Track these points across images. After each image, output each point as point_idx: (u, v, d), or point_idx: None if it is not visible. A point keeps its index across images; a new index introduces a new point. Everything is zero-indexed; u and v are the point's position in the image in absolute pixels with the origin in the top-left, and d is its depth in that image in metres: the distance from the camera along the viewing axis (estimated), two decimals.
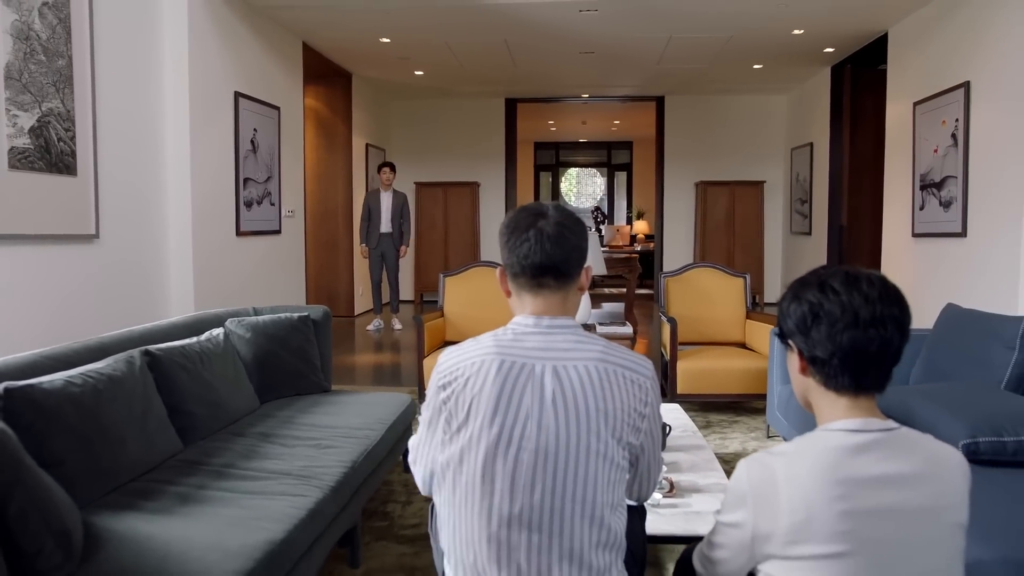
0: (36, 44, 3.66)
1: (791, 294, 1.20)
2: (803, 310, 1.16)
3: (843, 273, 1.16)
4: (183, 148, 4.79)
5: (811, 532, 1.06)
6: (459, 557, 1.32)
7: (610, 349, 1.34)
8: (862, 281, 1.13)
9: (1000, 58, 4.56)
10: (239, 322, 2.96)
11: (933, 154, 5.35)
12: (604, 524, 1.28)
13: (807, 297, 1.16)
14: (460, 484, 1.30)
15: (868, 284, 1.13)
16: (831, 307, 1.13)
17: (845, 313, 1.12)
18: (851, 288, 1.12)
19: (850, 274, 1.15)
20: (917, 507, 1.08)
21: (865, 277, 1.14)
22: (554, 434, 1.26)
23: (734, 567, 1.21)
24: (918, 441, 1.14)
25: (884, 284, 1.14)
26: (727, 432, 3.91)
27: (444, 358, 1.37)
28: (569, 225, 1.36)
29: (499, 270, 1.43)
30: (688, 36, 6.62)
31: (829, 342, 1.13)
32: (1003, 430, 2.24)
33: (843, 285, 1.13)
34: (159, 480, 2.00)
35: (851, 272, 1.16)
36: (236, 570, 1.53)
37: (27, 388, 1.79)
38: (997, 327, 2.82)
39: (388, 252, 7.40)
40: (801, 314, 1.16)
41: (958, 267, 5.02)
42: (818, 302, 1.15)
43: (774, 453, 1.15)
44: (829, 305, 1.13)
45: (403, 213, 7.41)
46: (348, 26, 6.25)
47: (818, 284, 1.16)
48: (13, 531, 1.42)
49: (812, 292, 1.16)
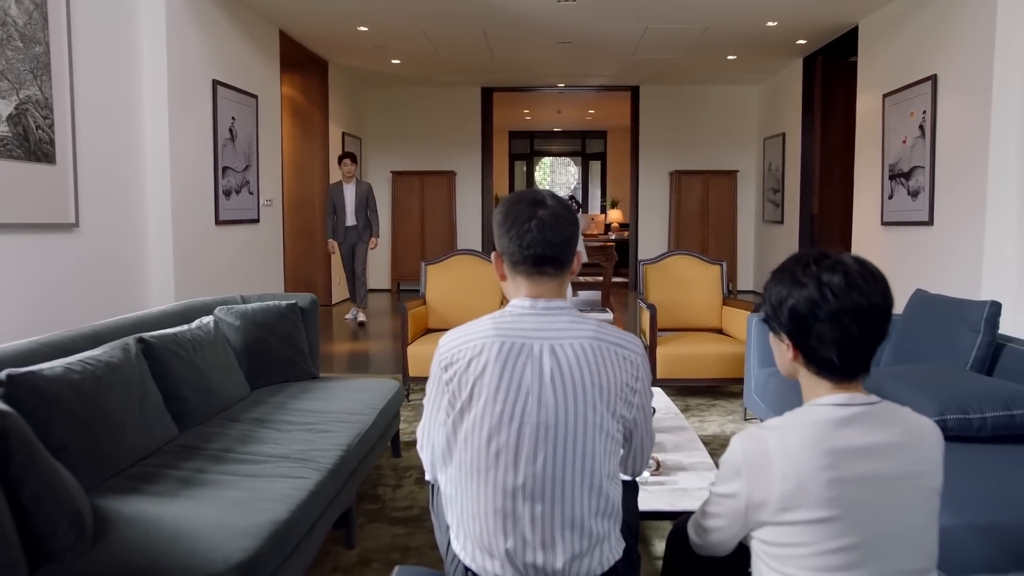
0: (13, 30, 3.61)
1: (784, 288, 1.22)
2: (801, 309, 1.19)
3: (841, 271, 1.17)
4: (162, 137, 4.75)
5: (802, 499, 1.15)
6: (467, 531, 1.38)
7: (603, 328, 1.41)
8: (856, 278, 1.17)
9: (966, 52, 4.70)
10: (228, 310, 2.98)
11: (902, 145, 5.50)
12: (603, 493, 1.35)
13: (804, 295, 1.18)
14: (465, 461, 1.36)
15: (864, 280, 1.17)
16: (831, 308, 1.16)
17: (846, 314, 1.16)
18: (850, 288, 1.16)
19: (848, 272, 1.17)
20: (898, 473, 1.17)
21: (859, 273, 1.18)
22: (553, 409, 1.33)
23: (728, 535, 1.29)
24: (897, 413, 1.22)
25: (872, 276, 1.19)
26: (705, 415, 4.02)
27: (445, 340, 1.43)
28: (566, 215, 1.42)
29: (494, 255, 1.49)
30: (664, 27, 6.70)
31: (833, 344, 1.17)
32: (969, 408, 2.36)
33: (842, 284, 1.16)
34: (159, 465, 2.04)
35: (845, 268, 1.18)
36: (245, 548, 1.58)
37: (29, 375, 1.81)
38: (963, 311, 2.94)
39: (357, 245, 7.09)
40: (799, 312, 1.19)
41: (926, 254, 5.19)
42: (817, 302, 1.17)
43: (766, 427, 1.23)
44: (829, 307, 1.16)
45: (368, 204, 7.06)
46: (325, 14, 6.23)
47: (816, 282, 1.18)
48: (28, 512, 1.45)
49: (810, 290, 1.18)
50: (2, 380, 1.75)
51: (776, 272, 1.26)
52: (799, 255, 1.25)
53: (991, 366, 2.84)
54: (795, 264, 1.23)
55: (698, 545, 1.38)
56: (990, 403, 2.36)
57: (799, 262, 1.23)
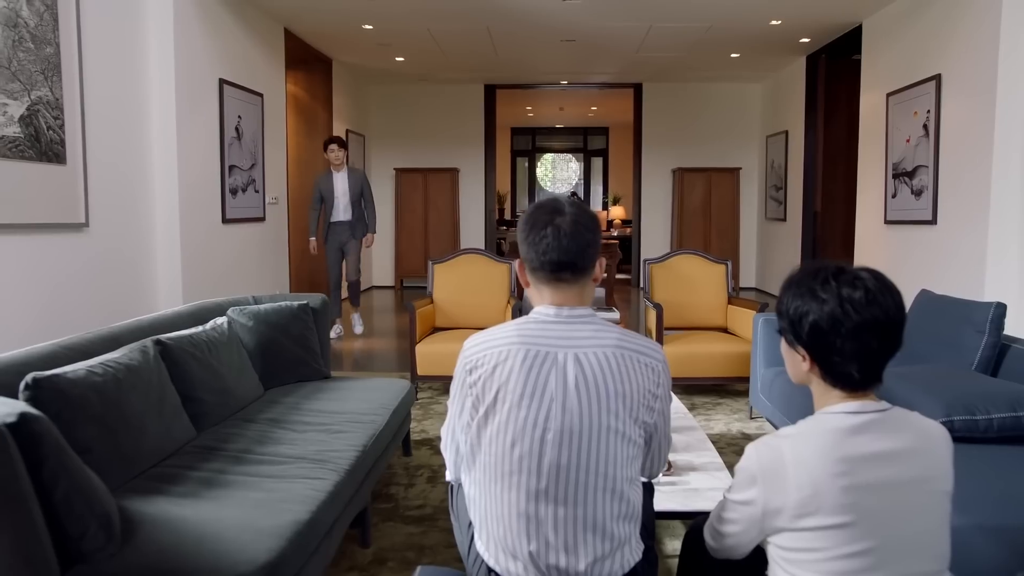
0: (24, 31, 3.64)
1: (804, 302, 1.23)
2: (823, 325, 1.21)
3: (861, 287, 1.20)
4: (169, 136, 4.78)
5: (817, 505, 1.18)
6: (490, 532, 1.42)
7: (625, 336, 1.44)
8: (876, 294, 1.19)
9: (970, 53, 4.73)
10: (241, 311, 3.01)
11: (905, 144, 5.53)
12: (624, 497, 1.39)
13: (826, 311, 1.20)
14: (489, 464, 1.40)
15: (882, 295, 1.20)
16: (853, 324, 1.19)
17: (867, 330, 1.19)
18: (871, 304, 1.19)
19: (868, 289, 1.19)
20: (910, 478, 1.20)
21: (877, 289, 1.20)
22: (577, 415, 1.36)
23: (744, 540, 1.32)
24: (908, 419, 1.25)
25: (889, 291, 1.21)
26: (711, 414, 4.05)
27: (471, 344, 1.46)
28: (584, 222, 1.44)
29: (517, 263, 1.52)
30: (668, 25, 6.72)
31: (853, 358, 1.20)
32: (975, 409, 2.39)
33: (863, 301, 1.19)
34: (179, 466, 2.07)
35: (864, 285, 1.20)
36: (270, 549, 1.61)
37: (53, 378, 1.84)
38: (968, 312, 2.97)
39: (348, 243, 6.22)
40: (820, 328, 1.21)
41: (929, 253, 5.22)
42: (839, 319, 1.19)
43: (780, 436, 1.26)
44: (851, 323, 1.19)
45: (364, 195, 6.21)
46: (331, 12, 6.24)
47: (837, 299, 1.20)
48: (59, 515, 1.48)
49: (831, 306, 1.20)
50: (28, 383, 1.78)
51: (793, 284, 1.28)
52: (815, 269, 1.26)
53: (996, 367, 2.88)
54: (813, 279, 1.24)
55: (714, 549, 1.41)
56: (996, 404, 2.39)
57: (816, 277, 1.24)
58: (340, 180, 6.17)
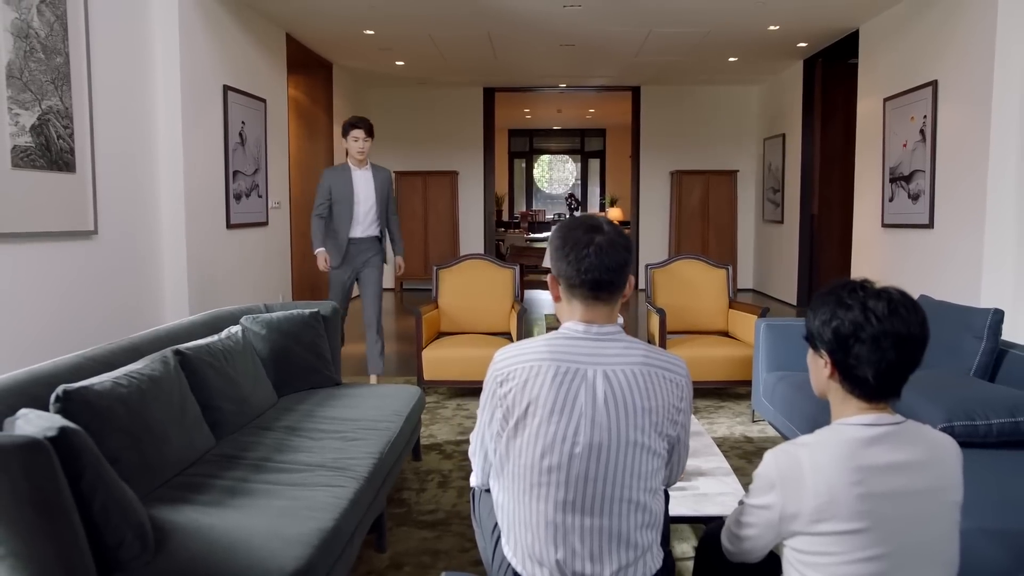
0: (35, 42, 3.67)
1: (829, 310, 1.31)
2: (845, 329, 1.29)
3: (885, 298, 1.28)
4: (175, 142, 4.82)
5: (833, 512, 1.24)
6: (517, 539, 1.47)
7: (651, 352, 1.50)
8: (899, 306, 1.27)
9: (966, 59, 4.80)
10: (254, 319, 3.06)
11: (902, 148, 5.60)
12: (647, 508, 1.45)
13: (849, 317, 1.28)
14: (518, 474, 1.45)
15: (904, 309, 1.27)
16: (874, 331, 1.26)
17: (886, 338, 1.26)
18: (892, 315, 1.26)
19: (892, 300, 1.28)
20: (922, 488, 1.26)
21: (900, 302, 1.28)
22: (606, 430, 1.41)
23: (761, 543, 1.38)
24: (920, 432, 1.32)
25: (912, 307, 1.29)
26: (714, 417, 4.12)
27: (501, 357, 1.51)
28: (621, 241, 1.50)
29: (550, 278, 1.57)
30: (668, 31, 6.78)
31: (870, 364, 1.27)
32: (975, 414, 2.46)
33: (885, 311, 1.26)
34: (202, 474, 2.12)
35: (889, 296, 1.28)
36: (298, 556, 1.67)
37: (82, 390, 1.89)
38: (967, 318, 3.04)
39: (369, 269, 4.50)
40: (842, 332, 1.29)
41: (926, 257, 5.29)
42: (861, 324, 1.27)
43: (798, 444, 1.32)
44: (872, 330, 1.26)
45: (389, 203, 4.60)
46: (333, 18, 6.29)
47: (861, 306, 1.28)
48: (98, 525, 1.53)
49: (855, 313, 1.28)
50: (59, 396, 1.83)
51: (822, 295, 1.36)
52: (845, 281, 1.35)
53: (994, 372, 2.95)
54: (841, 288, 1.33)
55: (731, 552, 1.47)
56: (995, 410, 2.46)
57: (845, 287, 1.33)
58: (363, 180, 4.43)
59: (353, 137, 4.41)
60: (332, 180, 4.46)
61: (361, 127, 4.42)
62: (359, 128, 4.42)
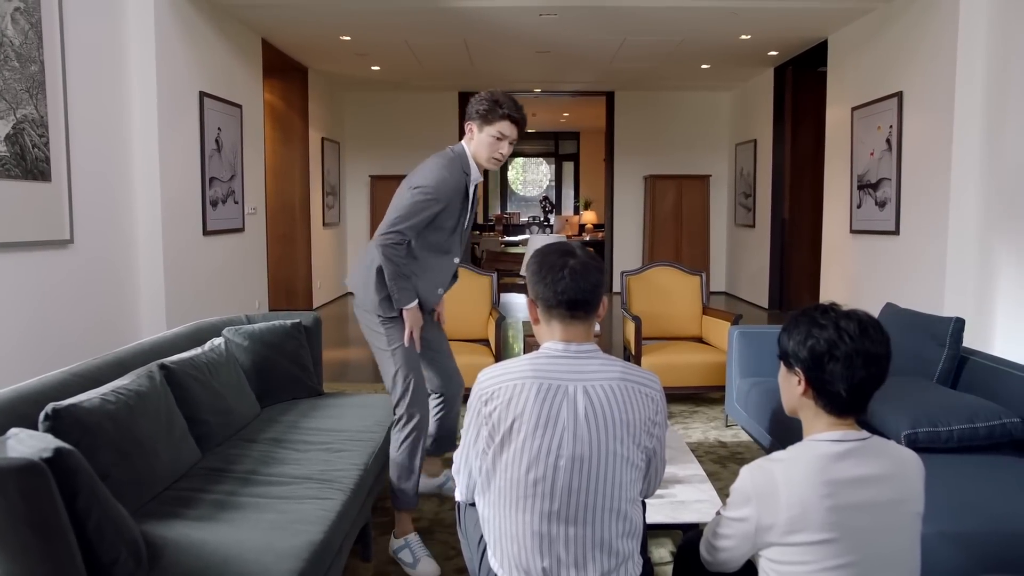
0: (10, 50, 3.65)
1: (804, 329, 1.41)
2: (820, 348, 1.37)
3: (856, 319, 1.38)
4: (151, 149, 4.80)
5: (805, 523, 1.32)
6: (504, 551, 1.53)
7: (628, 369, 1.58)
8: (868, 327, 1.37)
9: (930, 71, 4.96)
10: (236, 330, 3.08)
11: (869, 157, 5.76)
12: (628, 517, 1.52)
13: (824, 336, 1.37)
14: (504, 488, 1.52)
15: (873, 329, 1.37)
16: (847, 350, 1.35)
17: (858, 356, 1.35)
18: (863, 335, 1.36)
19: (861, 321, 1.37)
20: (887, 500, 1.35)
21: (869, 323, 1.38)
22: (587, 443, 1.48)
23: (738, 554, 1.46)
24: (886, 447, 1.40)
25: (879, 328, 1.39)
26: (688, 422, 4.21)
27: (485, 376, 1.58)
28: (594, 264, 1.60)
29: (528, 302, 1.65)
30: (641, 39, 6.89)
31: (843, 380, 1.36)
32: (938, 421, 2.57)
33: (857, 331, 1.36)
34: (190, 488, 2.14)
35: (858, 317, 1.38)
36: (291, 570, 1.71)
37: (71, 408, 1.91)
38: (930, 326, 3.16)
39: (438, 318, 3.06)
40: (817, 350, 1.38)
41: (892, 263, 5.45)
42: (835, 343, 1.36)
43: (773, 460, 1.40)
44: (845, 348, 1.35)
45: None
46: (309, 23, 6.29)
47: (834, 327, 1.37)
48: (92, 543, 1.55)
49: (829, 332, 1.37)
50: (48, 414, 1.85)
51: (795, 317, 1.45)
52: (816, 305, 1.45)
53: (955, 378, 3.07)
54: (814, 311, 1.43)
55: (709, 563, 1.54)
56: (956, 416, 2.57)
57: (817, 309, 1.43)
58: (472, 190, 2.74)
59: (498, 132, 2.55)
60: (450, 188, 2.55)
61: (518, 120, 2.58)
62: (515, 122, 2.58)
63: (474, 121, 2.56)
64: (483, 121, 2.54)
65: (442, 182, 2.48)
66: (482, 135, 2.55)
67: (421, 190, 2.47)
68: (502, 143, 2.56)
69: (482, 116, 2.53)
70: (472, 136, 2.58)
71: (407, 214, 2.46)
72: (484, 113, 2.52)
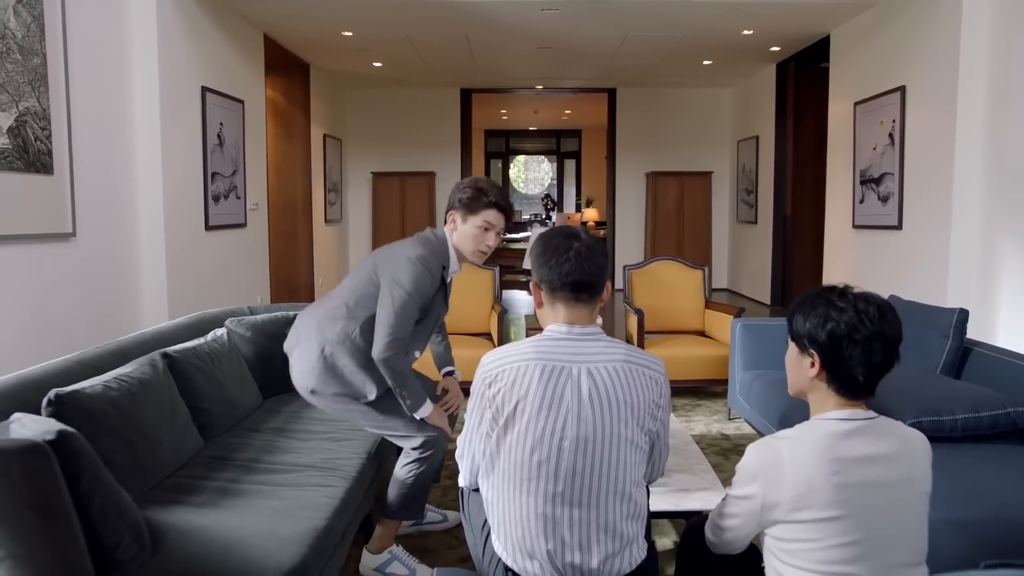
0: (12, 43, 3.65)
1: (822, 311, 1.38)
2: (840, 331, 1.35)
3: (875, 303, 1.36)
4: (154, 144, 4.80)
5: (811, 500, 1.31)
6: (508, 534, 1.53)
7: (631, 351, 1.57)
8: (886, 311, 1.36)
9: (933, 65, 4.95)
10: (239, 321, 3.08)
11: (872, 151, 5.75)
12: (632, 499, 1.52)
13: (844, 320, 1.35)
14: (508, 471, 1.51)
15: (891, 313, 1.37)
16: (867, 333, 1.34)
17: (877, 340, 1.34)
18: (882, 318, 1.35)
19: (880, 305, 1.36)
20: (894, 479, 1.34)
21: (886, 307, 1.37)
22: (591, 424, 1.48)
23: (743, 533, 1.45)
24: (893, 427, 1.40)
25: (895, 312, 1.38)
26: (691, 415, 4.21)
27: (489, 360, 1.57)
28: (599, 247, 1.59)
29: (532, 285, 1.64)
30: (643, 34, 6.88)
31: (862, 364, 1.35)
32: (942, 410, 2.56)
33: (876, 315, 1.35)
34: (193, 476, 2.14)
35: (876, 301, 1.37)
36: (293, 555, 1.70)
37: (74, 394, 1.91)
38: (933, 318, 3.16)
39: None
40: (837, 334, 1.36)
41: (895, 257, 5.44)
42: (855, 326, 1.34)
43: (779, 438, 1.39)
44: (865, 331, 1.34)
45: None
46: (311, 19, 6.29)
47: (854, 310, 1.35)
48: (95, 526, 1.55)
49: (849, 315, 1.35)
50: (51, 399, 1.85)
51: (810, 299, 1.42)
52: (829, 286, 1.42)
53: (959, 369, 3.06)
54: (829, 292, 1.40)
55: (714, 543, 1.54)
56: (961, 406, 2.57)
57: (833, 291, 1.40)
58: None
59: (485, 223, 2.39)
60: (429, 282, 2.34)
61: (506, 208, 2.43)
62: (503, 210, 2.42)
63: (457, 211, 2.39)
64: (467, 211, 2.36)
65: (420, 281, 2.26)
66: (466, 226, 2.37)
67: (402, 290, 2.24)
68: (489, 234, 2.38)
69: (466, 205, 2.36)
70: (455, 226, 2.40)
71: (398, 321, 2.22)
72: (468, 202, 2.36)
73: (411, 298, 2.25)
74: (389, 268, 2.29)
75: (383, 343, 2.20)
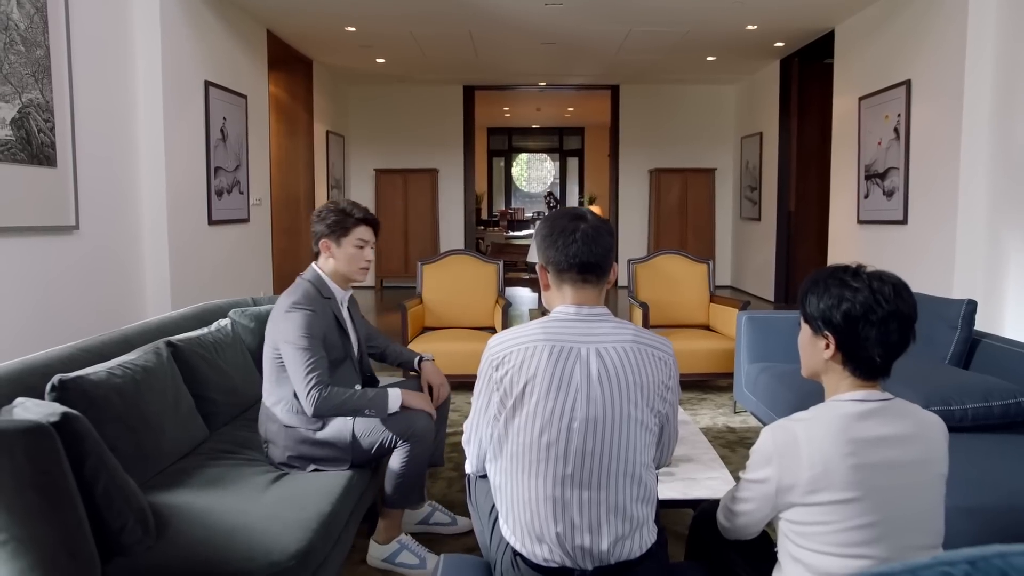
0: (15, 34, 3.64)
1: (836, 292, 1.35)
2: (856, 312, 1.33)
3: (890, 281, 1.33)
4: (157, 138, 4.79)
5: (827, 482, 1.29)
6: (516, 518, 1.51)
7: (640, 332, 1.55)
8: (901, 289, 1.33)
9: (938, 59, 4.92)
10: (242, 312, 3.06)
11: (877, 146, 5.72)
12: (642, 481, 1.50)
13: (859, 299, 1.33)
14: (517, 453, 1.49)
15: (905, 291, 1.34)
16: (883, 313, 1.32)
17: (893, 319, 1.32)
18: (897, 297, 1.32)
19: (895, 283, 1.34)
20: (910, 461, 1.32)
21: (900, 285, 1.34)
22: (600, 405, 1.46)
23: (757, 518, 1.43)
24: (908, 409, 1.38)
25: (909, 290, 1.35)
26: (697, 408, 4.19)
27: (496, 342, 1.56)
28: (605, 228, 1.57)
29: (538, 267, 1.62)
30: (647, 30, 6.86)
31: (878, 344, 1.32)
32: (951, 400, 2.55)
33: (891, 294, 1.32)
34: (198, 464, 2.13)
35: (891, 279, 1.34)
36: (299, 539, 1.69)
37: (78, 379, 1.89)
38: (941, 309, 3.14)
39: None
40: (853, 314, 1.33)
41: (900, 252, 5.41)
42: (871, 306, 1.32)
43: (794, 419, 1.37)
44: (882, 311, 1.32)
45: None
46: (315, 14, 6.27)
47: (869, 289, 1.33)
48: (100, 508, 1.54)
49: (864, 295, 1.33)
50: (55, 385, 1.84)
51: (822, 279, 1.39)
52: (842, 266, 1.39)
53: (968, 360, 3.04)
54: (844, 272, 1.37)
55: (727, 529, 1.52)
56: (970, 395, 2.55)
57: (846, 271, 1.37)
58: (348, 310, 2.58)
59: (359, 240, 2.44)
60: (321, 324, 2.31)
61: (373, 221, 2.53)
62: (371, 223, 2.51)
63: (329, 238, 2.37)
64: (339, 235, 2.37)
65: (307, 325, 2.20)
66: (342, 249, 2.38)
67: (293, 343, 2.17)
68: (365, 250, 2.42)
69: (335, 230, 2.37)
70: (331, 254, 2.38)
71: (308, 370, 2.14)
72: (335, 226, 2.37)
73: (308, 343, 2.18)
74: (276, 332, 2.27)
75: (304, 396, 2.14)
